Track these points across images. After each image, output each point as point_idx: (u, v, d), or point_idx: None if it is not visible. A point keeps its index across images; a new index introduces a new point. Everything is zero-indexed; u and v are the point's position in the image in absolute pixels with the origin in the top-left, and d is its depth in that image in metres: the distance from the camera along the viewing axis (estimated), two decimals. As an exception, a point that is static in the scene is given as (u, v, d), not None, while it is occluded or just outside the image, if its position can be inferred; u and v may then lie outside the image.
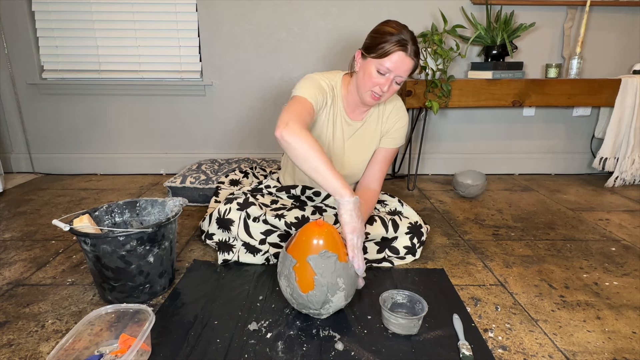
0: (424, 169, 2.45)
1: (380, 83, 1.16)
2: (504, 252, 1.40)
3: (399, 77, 1.16)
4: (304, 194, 1.43)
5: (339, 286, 0.94)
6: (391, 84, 1.16)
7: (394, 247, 1.29)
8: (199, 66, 2.27)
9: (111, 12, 2.18)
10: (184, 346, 0.90)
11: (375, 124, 1.36)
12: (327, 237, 0.94)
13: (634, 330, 0.98)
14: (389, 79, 1.15)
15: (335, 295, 0.94)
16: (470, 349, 0.89)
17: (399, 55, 1.12)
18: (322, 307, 0.95)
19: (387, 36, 1.13)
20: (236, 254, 1.29)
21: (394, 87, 1.18)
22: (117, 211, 1.20)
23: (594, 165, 2.23)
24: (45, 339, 0.94)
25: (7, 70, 2.26)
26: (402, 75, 1.16)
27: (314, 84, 1.23)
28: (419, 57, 1.17)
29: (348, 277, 0.96)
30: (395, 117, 1.36)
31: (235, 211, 1.29)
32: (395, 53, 1.12)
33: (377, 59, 1.14)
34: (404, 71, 1.15)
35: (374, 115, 1.36)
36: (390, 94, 1.21)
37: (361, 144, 1.36)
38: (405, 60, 1.13)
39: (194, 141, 2.40)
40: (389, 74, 1.15)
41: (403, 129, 1.37)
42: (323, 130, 1.32)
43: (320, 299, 0.93)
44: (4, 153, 2.40)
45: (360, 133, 1.35)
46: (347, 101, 1.31)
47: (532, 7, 2.18)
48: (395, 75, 1.15)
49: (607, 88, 2.05)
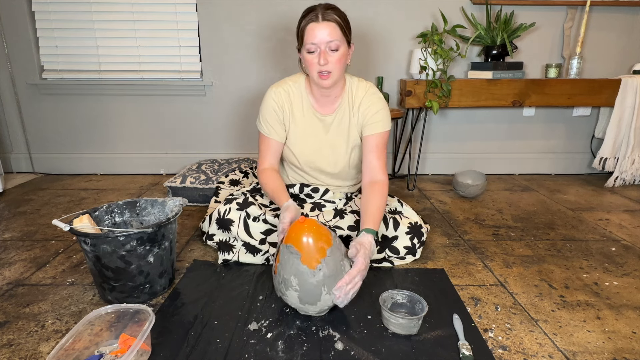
0: (424, 169, 2.45)
1: (316, 61, 1.18)
2: (504, 252, 1.40)
3: (327, 43, 1.16)
4: (302, 192, 1.43)
5: (292, 284, 0.94)
6: (325, 54, 1.17)
7: (394, 247, 1.29)
8: (199, 66, 2.27)
9: (111, 12, 2.18)
10: (184, 346, 0.90)
11: (349, 114, 1.34)
12: (297, 234, 0.93)
13: (634, 330, 0.98)
14: (321, 52, 1.17)
15: (288, 291, 0.95)
16: (470, 349, 0.89)
17: (311, 27, 1.16)
18: (282, 294, 0.98)
19: (299, 21, 1.20)
20: (236, 254, 1.30)
21: (332, 56, 1.18)
22: (117, 211, 1.20)
23: (594, 165, 2.23)
24: (45, 339, 0.94)
25: (7, 70, 2.26)
26: (328, 39, 1.15)
27: (265, 113, 1.33)
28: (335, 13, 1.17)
29: (305, 283, 0.93)
30: (367, 104, 1.32)
31: (235, 211, 1.29)
32: (307, 27, 1.16)
33: (302, 44, 1.20)
34: (327, 35, 1.15)
35: (344, 104, 1.33)
36: (335, 65, 1.18)
37: (341, 136, 1.36)
38: (319, 26, 1.15)
39: (194, 141, 2.40)
40: (316, 48, 1.17)
41: (380, 112, 1.31)
42: (301, 133, 1.35)
43: (277, 286, 0.98)
44: (4, 153, 2.40)
45: (336, 125, 1.35)
46: (314, 97, 1.33)
47: (532, 7, 2.18)
48: (324, 45, 1.16)
49: (607, 88, 2.05)
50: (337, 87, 1.29)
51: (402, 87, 2.11)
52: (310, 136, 1.35)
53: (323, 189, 1.42)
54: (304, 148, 1.36)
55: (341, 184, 1.46)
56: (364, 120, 1.32)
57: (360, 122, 1.33)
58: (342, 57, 1.19)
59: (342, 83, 1.31)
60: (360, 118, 1.33)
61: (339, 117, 1.34)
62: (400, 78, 2.26)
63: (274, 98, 1.32)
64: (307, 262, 0.92)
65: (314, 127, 1.35)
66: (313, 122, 1.34)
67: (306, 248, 0.92)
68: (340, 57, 1.18)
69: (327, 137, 1.36)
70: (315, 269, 0.92)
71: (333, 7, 1.18)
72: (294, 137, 1.36)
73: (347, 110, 1.34)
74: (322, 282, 0.93)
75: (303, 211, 1.34)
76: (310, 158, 1.37)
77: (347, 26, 1.21)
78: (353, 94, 1.33)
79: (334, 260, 0.94)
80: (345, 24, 1.19)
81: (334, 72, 1.19)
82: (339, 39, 1.16)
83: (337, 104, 1.34)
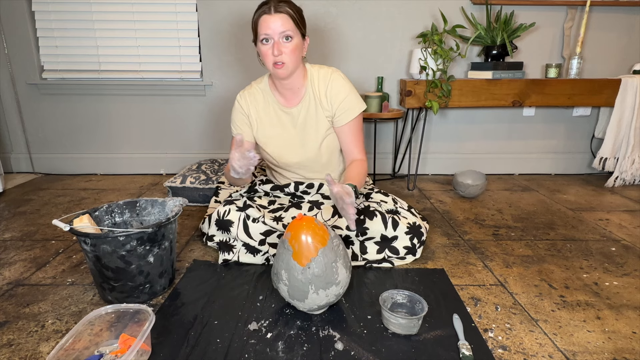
0: (424, 169, 2.45)
1: (271, 52, 1.21)
2: (504, 252, 1.40)
3: (280, 34, 1.19)
4: (297, 190, 1.43)
5: (282, 278, 0.97)
6: (278, 45, 1.20)
7: (394, 247, 1.29)
8: (199, 66, 2.27)
9: (111, 12, 2.18)
10: (184, 346, 0.90)
11: (314, 106, 1.35)
12: (293, 231, 0.95)
13: (634, 330, 0.98)
14: (274, 43, 1.20)
15: (279, 284, 0.98)
16: (470, 349, 0.89)
17: (264, 18, 1.19)
18: (276, 287, 1.01)
19: (253, 15, 1.23)
20: (236, 254, 1.30)
21: (285, 46, 1.20)
22: (117, 211, 1.20)
23: (594, 165, 2.23)
24: (45, 339, 0.94)
25: (7, 70, 2.26)
26: (281, 30, 1.18)
27: (234, 116, 1.41)
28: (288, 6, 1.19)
29: (293, 279, 0.95)
30: (332, 93, 1.32)
31: (235, 212, 1.29)
32: (260, 19, 1.20)
33: (257, 36, 1.24)
34: (280, 26, 1.18)
35: (308, 96, 1.35)
36: (289, 56, 1.21)
37: (309, 128, 1.37)
38: (272, 18, 1.18)
39: (194, 141, 2.40)
40: (270, 39, 1.20)
41: (347, 99, 1.32)
42: (269, 131, 1.39)
43: (272, 277, 1.02)
44: (4, 153, 2.40)
45: (302, 117, 1.37)
46: (278, 93, 1.37)
47: (532, 7, 2.18)
48: (277, 36, 1.19)
49: (607, 88, 2.05)
50: (297, 78, 1.31)
51: (402, 87, 2.11)
52: (279, 132, 1.38)
53: (317, 183, 1.43)
54: (275, 145, 1.40)
55: (319, 176, 1.48)
56: (332, 110, 1.34)
57: (328, 111, 1.35)
58: (295, 47, 1.22)
59: (302, 73, 1.33)
60: (327, 107, 1.34)
61: (304, 108, 1.36)
62: (400, 78, 2.26)
63: (239, 102, 1.39)
64: (298, 259, 0.94)
65: (281, 122, 1.38)
66: (280, 116, 1.38)
67: (298, 245, 0.94)
68: (294, 48, 1.21)
69: (296, 130, 1.38)
70: (305, 266, 0.93)
71: (286, 1, 1.21)
72: (264, 137, 1.40)
73: (312, 100, 1.35)
74: (309, 280, 0.94)
75: (301, 211, 1.34)
76: (283, 152, 1.40)
77: (301, 19, 1.24)
78: (316, 84, 1.35)
79: (325, 261, 0.94)
80: (298, 16, 1.22)
81: (288, 62, 1.22)
82: (291, 29, 1.20)
83: (300, 95, 1.36)
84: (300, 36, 1.24)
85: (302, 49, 1.26)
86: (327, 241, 0.96)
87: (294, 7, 1.22)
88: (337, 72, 1.35)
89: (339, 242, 1.00)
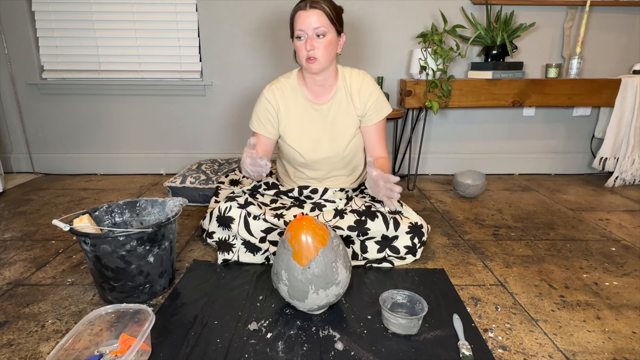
0: (424, 169, 2.45)
1: (304, 47, 1.23)
2: (504, 252, 1.40)
3: (315, 30, 1.20)
4: (301, 195, 1.43)
5: (282, 278, 0.97)
6: (311, 40, 1.22)
7: (394, 246, 1.29)
8: (199, 66, 2.27)
9: (111, 12, 2.18)
10: (184, 346, 0.90)
11: (345, 103, 1.37)
12: (293, 231, 0.95)
13: (634, 330, 0.98)
14: (308, 38, 1.22)
15: (279, 284, 0.98)
16: (470, 349, 0.89)
17: (299, 14, 1.22)
18: (276, 287, 1.01)
19: (291, 12, 1.26)
20: (236, 253, 1.30)
21: (318, 42, 1.22)
22: (117, 211, 1.20)
23: (594, 165, 2.23)
24: (45, 339, 0.94)
25: (7, 70, 2.26)
26: (315, 26, 1.20)
27: (259, 110, 1.38)
28: (324, 2, 1.21)
29: (293, 279, 0.95)
30: (366, 93, 1.36)
31: (236, 209, 1.29)
32: (296, 15, 1.23)
33: (293, 32, 1.26)
34: (314, 22, 1.20)
35: (340, 93, 1.37)
36: (323, 51, 1.23)
37: (339, 124, 1.38)
38: (307, 14, 1.20)
39: (194, 141, 2.40)
40: (304, 35, 1.22)
41: (378, 101, 1.37)
42: (298, 127, 1.38)
43: (272, 277, 1.02)
44: (4, 153, 2.40)
45: (333, 114, 1.37)
46: (308, 89, 1.37)
47: (532, 7, 2.18)
48: (311, 32, 1.21)
49: (607, 88, 2.05)
50: (329, 75, 1.33)
51: (402, 87, 2.11)
52: (308, 127, 1.38)
53: (321, 189, 1.43)
54: (305, 141, 1.39)
55: (340, 174, 1.47)
56: (364, 110, 1.37)
57: (360, 110, 1.37)
58: (329, 44, 1.23)
59: (334, 71, 1.35)
60: (359, 106, 1.36)
61: (336, 105, 1.37)
62: (400, 78, 2.26)
63: (267, 97, 1.38)
64: (298, 259, 0.94)
65: (311, 118, 1.38)
66: (309, 112, 1.38)
67: (298, 245, 0.94)
68: (328, 44, 1.23)
69: (325, 127, 1.38)
70: (305, 266, 0.93)
71: None
72: (291, 132, 1.39)
73: (344, 97, 1.37)
74: (309, 280, 0.94)
75: (303, 211, 1.34)
76: (312, 148, 1.39)
77: (337, 15, 1.25)
78: (348, 81, 1.36)
79: (325, 261, 0.94)
80: (333, 13, 1.23)
81: (321, 57, 1.23)
82: (325, 25, 1.21)
83: (332, 92, 1.36)
84: (335, 33, 1.25)
85: (336, 45, 1.28)
86: (327, 241, 0.96)
87: (331, 4, 1.23)
88: (368, 74, 1.39)
89: (339, 242, 1.00)
